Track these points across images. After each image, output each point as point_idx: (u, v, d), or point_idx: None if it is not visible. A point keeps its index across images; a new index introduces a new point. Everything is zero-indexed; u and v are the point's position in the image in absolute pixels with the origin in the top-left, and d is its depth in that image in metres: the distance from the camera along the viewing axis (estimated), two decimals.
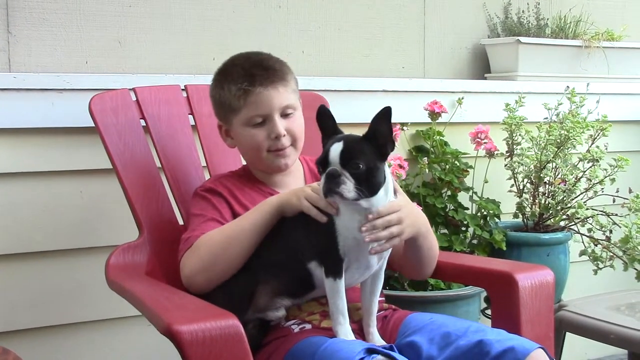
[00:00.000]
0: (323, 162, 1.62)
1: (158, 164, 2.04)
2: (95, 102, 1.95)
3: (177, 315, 1.47)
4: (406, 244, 1.79)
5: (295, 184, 1.93)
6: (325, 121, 1.71)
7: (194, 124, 2.13)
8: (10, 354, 1.71)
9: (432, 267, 1.92)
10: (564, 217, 2.68)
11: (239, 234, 1.73)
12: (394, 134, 1.69)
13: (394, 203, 1.68)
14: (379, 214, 1.65)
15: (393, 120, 1.65)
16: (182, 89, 2.14)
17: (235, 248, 1.72)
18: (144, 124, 2.04)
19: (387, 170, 1.67)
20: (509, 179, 2.74)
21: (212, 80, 1.91)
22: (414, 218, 1.73)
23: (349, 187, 1.59)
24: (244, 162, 2.14)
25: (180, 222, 2.01)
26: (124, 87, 2.05)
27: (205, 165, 2.12)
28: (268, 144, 1.84)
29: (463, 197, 2.71)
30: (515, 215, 2.76)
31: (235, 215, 1.83)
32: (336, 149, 1.61)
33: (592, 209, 2.64)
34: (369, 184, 1.61)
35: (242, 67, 1.85)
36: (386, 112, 1.63)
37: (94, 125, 1.94)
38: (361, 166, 1.60)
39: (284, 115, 1.85)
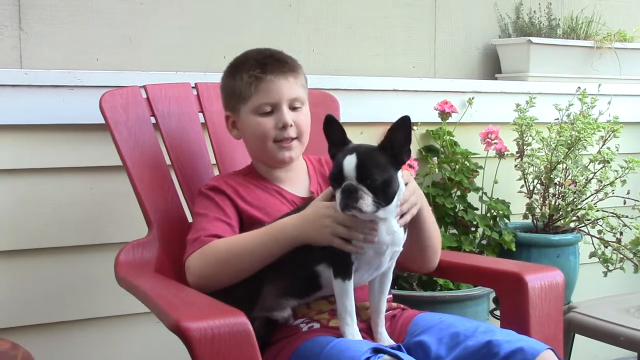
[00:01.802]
0: (337, 176, 1.59)
1: (168, 161, 2.04)
2: (106, 99, 1.95)
3: (186, 312, 1.47)
4: (411, 225, 1.78)
5: (299, 180, 1.93)
6: (333, 130, 1.67)
7: (203, 121, 2.13)
8: (19, 349, 1.71)
9: (434, 256, 1.91)
10: (574, 218, 2.67)
11: (249, 255, 1.71)
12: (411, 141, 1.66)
13: (409, 187, 1.70)
14: (405, 199, 1.68)
15: None
16: (193, 87, 2.14)
17: (241, 267, 1.71)
18: (154, 122, 2.04)
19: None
20: (519, 179, 2.73)
21: (224, 72, 1.93)
22: (419, 192, 1.77)
23: (367, 201, 1.56)
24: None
25: (190, 219, 2.01)
26: (134, 85, 2.05)
27: (214, 162, 2.12)
28: (275, 133, 1.85)
29: (473, 198, 2.71)
30: (525, 216, 2.76)
31: (240, 213, 1.83)
32: (350, 162, 1.57)
33: (603, 211, 2.63)
34: (386, 195, 1.60)
35: (255, 58, 1.88)
36: (403, 122, 1.62)
37: (104, 122, 1.94)
38: (378, 179, 1.57)
39: (292, 107, 1.86)
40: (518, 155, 2.73)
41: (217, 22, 2.56)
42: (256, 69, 1.84)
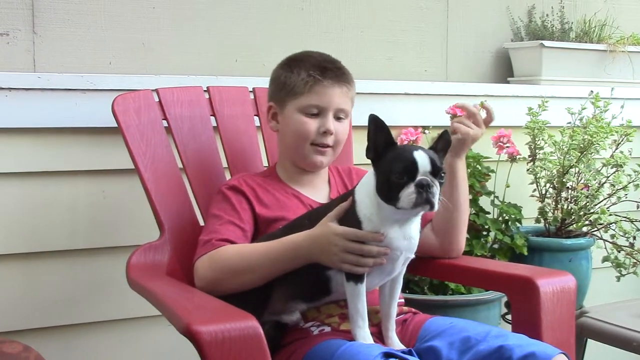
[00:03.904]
0: (411, 169, 1.57)
1: (180, 165, 2.04)
2: (118, 102, 1.96)
3: (197, 315, 1.47)
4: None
5: (319, 187, 1.96)
6: (380, 131, 1.66)
7: (215, 125, 2.13)
8: (31, 351, 1.73)
9: (463, 232, 1.95)
10: (587, 222, 2.65)
11: (256, 270, 1.72)
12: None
13: None
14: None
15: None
16: (205, 90, 2.15)
17: (247, 279, 1.72)
18: (166, 125, 2.05)
19: None
20: (531, 183, 2.72)
21: (280, 64, 1.96)
22: None
23: (437, 197, 1.57)
24: (266, 164, 2.15)
25: (201, 222, 2.02)
26: (146, 88, 2.06)
27: (226, 166, 2.13)
28: (315, 136, 1.88)
29: (484, 202, 2.70)
30: (537, 220, 2.74)
31: (255, 216, 1.84)
32: (423, 158, 1.58)
33: (615, 215, 2.62)
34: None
35: (317, 59, 1.92)
36: (444, 135, 1.71)
37: (116, 125, 1.95)
38: (445, 175, 1.61)
39: (336, 117, 1.90)
40: (530, 159, 2.72)
41: (229, 25, 2.56)
42: (316, 70, 1.88)
